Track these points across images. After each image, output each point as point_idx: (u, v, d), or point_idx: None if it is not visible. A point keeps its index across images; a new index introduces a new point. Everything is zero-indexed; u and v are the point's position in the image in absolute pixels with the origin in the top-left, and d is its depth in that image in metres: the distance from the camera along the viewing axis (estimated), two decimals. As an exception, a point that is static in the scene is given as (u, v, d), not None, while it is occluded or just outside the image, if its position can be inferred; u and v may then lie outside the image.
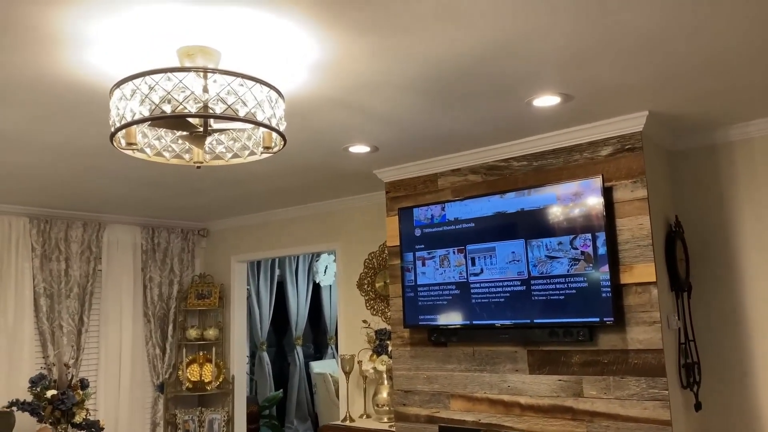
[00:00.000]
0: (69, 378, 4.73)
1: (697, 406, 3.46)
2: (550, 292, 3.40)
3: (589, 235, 3.30)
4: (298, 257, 7.94)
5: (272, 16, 2.05)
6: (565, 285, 3.35)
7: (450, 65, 2.52)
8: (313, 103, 2.90)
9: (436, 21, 2.14)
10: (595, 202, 3.29)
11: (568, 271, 3.35)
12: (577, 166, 3.48)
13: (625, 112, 3.20)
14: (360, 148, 3.69)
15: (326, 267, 8.17)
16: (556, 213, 3.42)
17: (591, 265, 3.28)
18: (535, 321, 3.45)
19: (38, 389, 4.48)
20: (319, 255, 8.05)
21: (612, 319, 3.20)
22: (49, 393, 4.44)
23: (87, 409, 4.63)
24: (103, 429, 4.66)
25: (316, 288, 8.26)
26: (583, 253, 3.31)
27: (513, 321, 3.52)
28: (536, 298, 3.45)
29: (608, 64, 2.57)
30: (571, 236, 3.35)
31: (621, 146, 3.33)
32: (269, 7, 2.00)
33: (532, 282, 3.46)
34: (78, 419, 4.50)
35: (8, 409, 4.42)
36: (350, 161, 3.99)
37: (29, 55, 2.28)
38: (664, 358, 3.13)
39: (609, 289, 3.22)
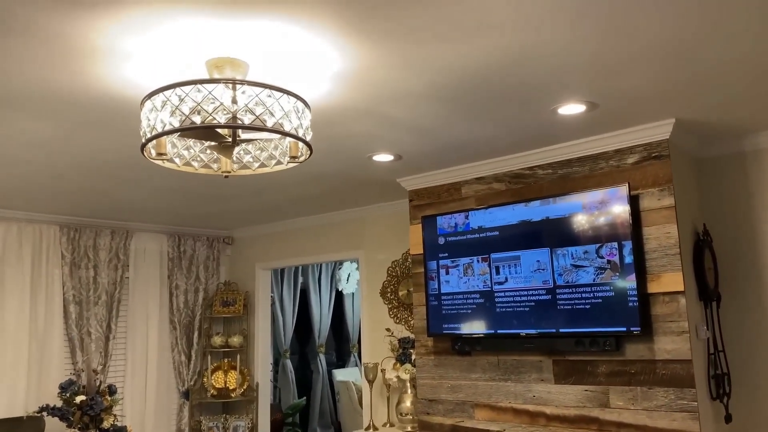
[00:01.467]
0: (97, 384, 4.80)
1: (728, 418, 3.40)
2: (576, 301, 3.37)
3: (615, 244, 3.27)
4: (321, 265, 7.98)
5: (297, 28, 2.08)
6: (591, 294, 3.33)
7: (475, 74, 2.53)
8: (337, 113, 2.93)
9: (462, 31, 2.15)
10: (621, 210, 3.27)
11: (594, 280, 3.32)
12: (603, 174, 3.46)
13: (651, 119, 3.17)
14: (384, 157, 3.71)
15: (349, 275, 8.19)
16: (581, 221, 3.40)
17: (617, 274, 3.25)
18: (560, 330, 3.42)
19: (68, 395, 4.56)
20: (341, 263, 8.07)
21: (639, 328, 3.16)
22: (78, 398, 4.52)
23: (115, 415, 4.70)
24: (130, 434, 4.73)
25: (339, 296, 8.28)
26: (609, 261, 3.28)
27: (538, 330, 3.50)
28: (562, 307, 3.42)
29: (634, 72, 2.55)
30: (597, 245, 3.32)
31: (647, 154, 3.30)
32: (295, 20, 2.03)
33: (558, 291, 3.44)
34: (106, 425, 4.57)
35: (38, 414, 4.51)
36: (374, 170, 4.01)
37: (67, 69, 2.34)
38: (693, 369, 3.08)
39: (636, 299, 3.18)
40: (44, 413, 4.50)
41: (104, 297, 5.29)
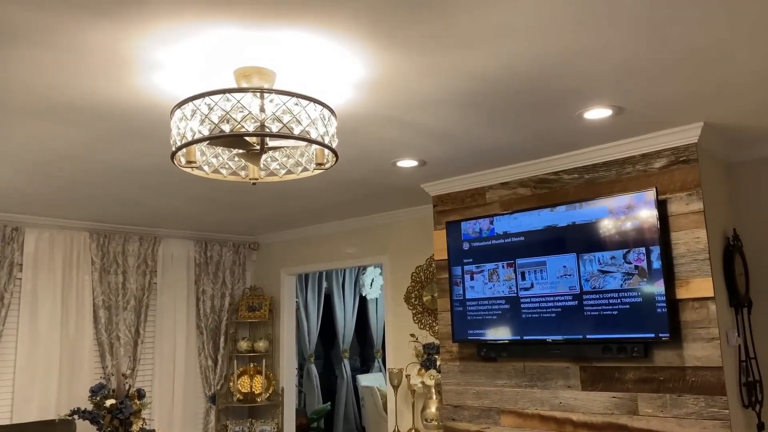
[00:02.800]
0: (126, 388, 4.88)
1: (760, 426, 3.33)
2: (603, 307, 3.34)
3: (642, 249, 3.23)
4: (344, 270, 8.01)
5: (322, 37, 2.11)
6: (619, 300, 3.29)
7: (500, 79, 2.53)
8: (361, 120, 2.95)
9: (487, 37, 2.16)
10: (648, 215, 3.23)
11: (621, 285, 3.29)
12: (630, 178, 3.43)
13: (679, 123, 3.14)
14: (407, 162, 3.72)
15: (372, 280, 8.21)
16: (608, 226, 3.37)
17: (645, 279, 3.21)
18: (587, 336, 3.39)
19: (98, 398, 4.64)
20: (365, 268, 8.09)
21: (668, 335, 3.12)
22: (108, 402, 4.59)
23: (143, 419, 4.76)
24: (158, 438, 4.79)
25: (363, 301, 8.30)
26: (636, 267, 3.25)
27: (565, 336, 3.47)
28: (588, 313, 3.39)
29: (662, 76, 2.53)
30: (624, 250, 3.29)
31: (675, 158, 3.27)
32: (320, 30, 2.05)
33: (585, 297, 3.41)
34: (135, 428, 4.64)
35: (70, 417, 4.59)
36: (397, 175, 4.03)
37: (101, 79, 2.40)
38: (724, 376, 3.03)
39: (664, 304, 3.14)
40: (75, 416, 4.58)
41: (133, 302, 5.38)
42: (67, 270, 5.09)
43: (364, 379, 7.85)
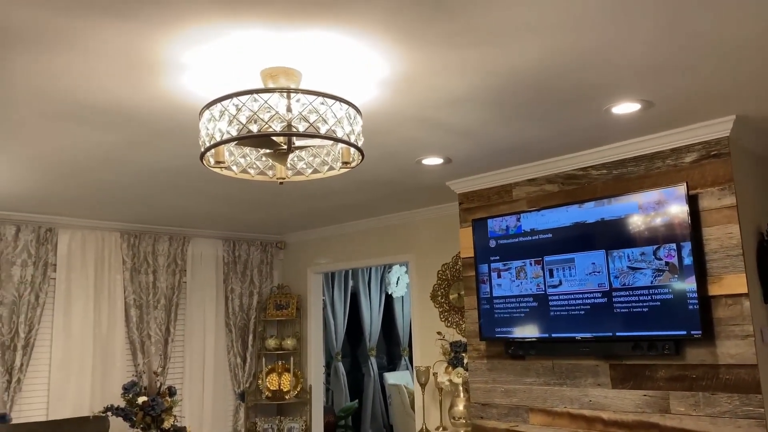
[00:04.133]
0: (158, 385, 4.96)
1: (797, 426, 3.26)
2: (633, 304, 3.30)
3: (673, 245, 3.18)
4: (370, 269, 8.03)
5: (347, 37, 2.12)
6: (649, 297, 3.25)
7: (525, 76, 2.51)
8: (385, 118, 2.96)
9: (515, 34, 2.14)
10: (679, 210, 3.18)
11: (651, 282, 3.24)
12: (660, 173, 3.38)
13: (709, 117, 3.08)
14: (433, 160, 3.72)
15: (398, 278, 8.21)
16: (637, 222, 3.32)
17: (676, 276, 3.16)
18: (617, 334, 3.35)
19: (130, 395, 4.73)
20: (391, 266, 8.10)
21: (700, 332, 3.07)
22: (140, 399, 4.68)
23: (175, 416, 4.84)
24: (189, 435, 4.86)
25: (389, 299, 8.31)
26: (667, 263, 3.20)
27: (594, 334, 3.44)
28: (618, 310, 3.35)
29: (691, 70, 2.49)
30: (655, 246, 3.25)
31: (706, 152, 3.21)
32: (345, 29, 2.06)
33: (614, 294, 3.37)
34: (167, 425, 4.71)
35: (104, 414, 4.69)
36: (423, 173, 4.02)
37: (129, 82, 2.44)
38: (759, 374, 2.97)
39: (696, 301, 3.09)
40: (109, 413, 4.68)
41: (163, 301, 5.47)
42: (99, 270, 5.19)
43: (390, 377, 7.87)
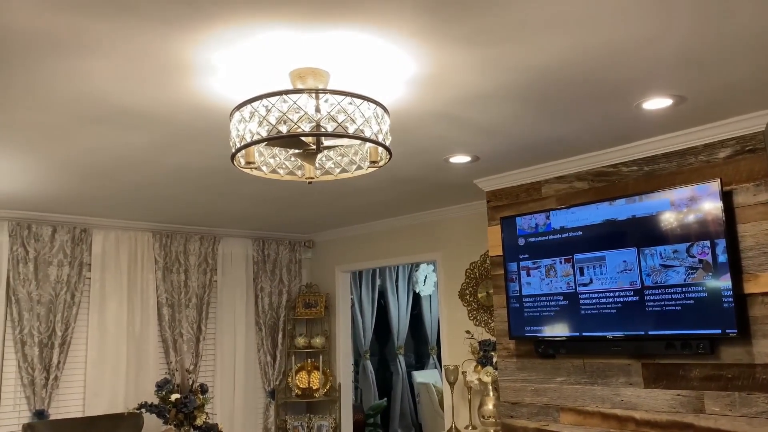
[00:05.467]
0: (190, 383, 5.04)
1: (838, 427, 3.17)
2: (666, 302, 3.25)
3: (707, 242, 3.13)
4: (397, 267, 8.03)
5: (374, 36, 2.13)
6: (682, 295, 3.20)
7: (555, 72, 2.49)
8: (412, 116, 2.96)
9: (543, 30, 2.13)
10: (713, 207, 3.12)
11: (684, 280, 3.19)
12: (692, 170, 3.32)
13: (744, 111, 3.02)
14: (460, 158, 3.71)
15: (426, 277, 8.20)
16: (670, 219, 3.27)
17: (710, 273, 3.11)
18: (649, 333, 3.31)
19: (163, 393, 4.81)
20: (418, 265, 8.10)
21: (735, 331, 3.01)
22: (173, 396, 4.76)
23: (207, 413, 4.91)
24: (221, 432, 4.93)
25: (416, 298, 8.31)
26: (701, 261, 3.14)
27: (625, 333, 3.40)
28: (650, 308, 3.30)
29: (725, 63, 2.44)
30: (688, 244, 3.19)
31: (741, 148, 3.14)
32: (372, 29, 2.07)
33: (646, 292, 3.32)
34: (199, 422, 4.79)
35: (138, 411, 4.78)
36: (450, 172, 4.02)
37: (159, 85, 2.49)
38: (798, 374, 2.90)
39: (731, 299, 3.03)
40: (143, 410, 4.77)
41: (194, 300, 5.55)
42: (132, 269, 5.29)
43: (419, 376, 7.87)
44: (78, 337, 4.97)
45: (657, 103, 2.87)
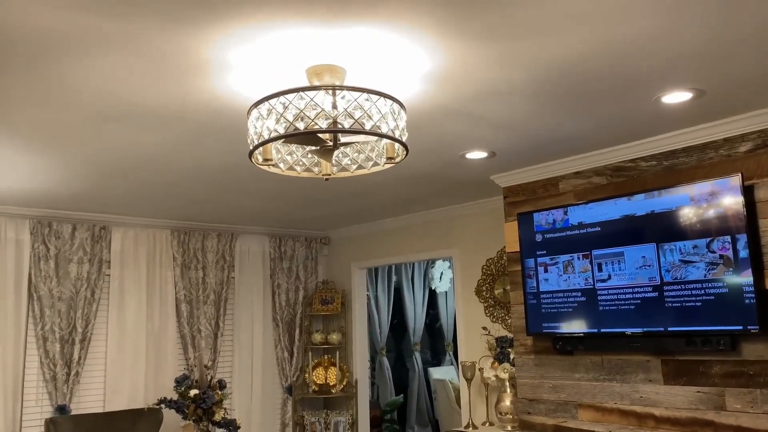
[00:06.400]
0: (209, 378, 5.08)
1: None
2: (686, 298, 3.22)
3: (728, 238, 3.09)
4: (413, 264, 8.03)
5: (390, 32, 2.12)
6: (702, 291, 3.16)
7: (574, 67, 2.47)
8: (428, 112, 2.95)
9: (561, 24, 2.11)
10: (733, 201, 3.08)
11: (705, 276, 3.15)
12: (712, 164, 3.28)
13: (765, 104, 2.97)
14: (476, 154, 3.70)
15: (441, 273, 8.19)
16: (689, 215, 3.24)
17: (731, 269, 3.07)
18: (669, 329, 3.28)
19: (182, 388, 4.86)
20: (434, 262, 8.09)
21: (757, 327, 2.97)
22: (192, 392, 4.80)
23: (225, 409, 4.95)
24: (239, 428, 4.96)
25: (432, 294, 8.30)
26: (721, 256, 3.10)
27: (644, 329, 3.37)
28: (670, 304, 3.27)
29: (746, 56, 2.41)
30: (708, 239, 3.15)
31: (762, 141, 3.10)
32: (388, 25, 2.07)
33: (665, 288, 3.29)
34: (217, 417, 4.83)
35: (157, 406, 4.83)
36: (466, 168, 4.00)
37: (176, 83, 2.51)
38: (821, 371, 2.86)
39: (753, 295, 2.99)
40: (162, 405, 4.82)
41: (212, 296, 5.59)
42: (150, 266, 5.34)
43: (435, 372, 7.87)
44: (98, 334, 5.03)
45: (676, 97, 2.83)
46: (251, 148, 2.24)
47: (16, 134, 3.09)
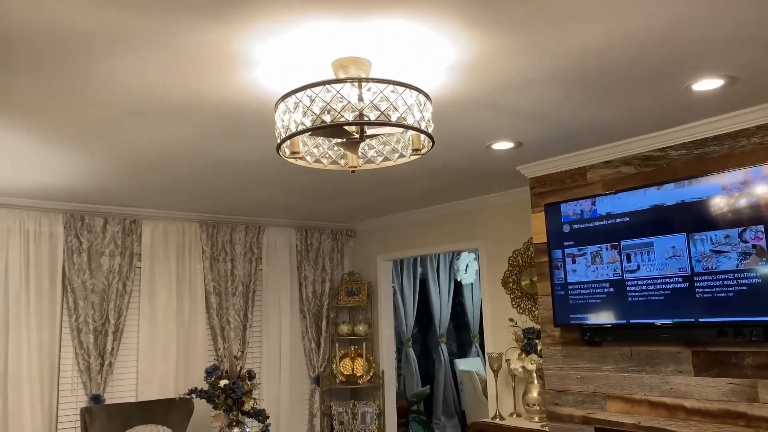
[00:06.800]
0: (238, 369, 5.15)
1: None
2: (717, 288, 3.17)
3: (761, 227, 3.03)
4: (439, 256, 8.03)
5: (415, 24, 2.12)
6: (734, 281, 3.11)
7: (603, 56, 2.44)
8: (454, 103, 2.94)
9: (589, 12, 2.09)
10: (767, 190, 3.02)
11: (737, 266, 3.10)
12: (745, 152, 3.21)
13: (801, 90, 2.90)
14: (503, 145, 3.68)
15: (467, 265, 8.17)
16: (721, 204, 3.18)
17: (765, 259, 3.01)
18: (700, 320, 3.23)
19: (212, 379, 4.93)
20: (459, 253, 8.07)
21: (792, 318, 2.92)
22: (222, 382, 4.88)
23: (254, 399, 5.02)
24: (268, 417, 5.03)
25: (458, 286, 8.29)
26: (754, 246, 3.05)
27: (674, 320, 3.33)
28: (701, 295, 3.23)
29: (781, 40, 2.35)
30: (740, 228, 3.10)
31: (797, 128, 3.03)
32: (413, 16, 2.07)
33: (696, 278, 3.24)
34: (247, 407, 4.90)
35: (188, 396, 4.92)
36: (492, 158, 3.98)
37: (204, 78, 2.54)
38: None
39: (787, 286, 2.94)
40: (193, 395, 4.90)
41: (241, 288, 5.67)
42: (180, 259, 5.43)
43: (461, 364, 7.86)
44: (130, 325, 5.13)
45: (707, 84, 2.78)
46: (279, 141, 2.26)
47: (49, 131, 3.16)
